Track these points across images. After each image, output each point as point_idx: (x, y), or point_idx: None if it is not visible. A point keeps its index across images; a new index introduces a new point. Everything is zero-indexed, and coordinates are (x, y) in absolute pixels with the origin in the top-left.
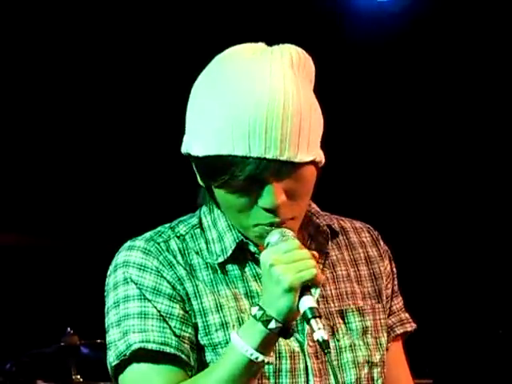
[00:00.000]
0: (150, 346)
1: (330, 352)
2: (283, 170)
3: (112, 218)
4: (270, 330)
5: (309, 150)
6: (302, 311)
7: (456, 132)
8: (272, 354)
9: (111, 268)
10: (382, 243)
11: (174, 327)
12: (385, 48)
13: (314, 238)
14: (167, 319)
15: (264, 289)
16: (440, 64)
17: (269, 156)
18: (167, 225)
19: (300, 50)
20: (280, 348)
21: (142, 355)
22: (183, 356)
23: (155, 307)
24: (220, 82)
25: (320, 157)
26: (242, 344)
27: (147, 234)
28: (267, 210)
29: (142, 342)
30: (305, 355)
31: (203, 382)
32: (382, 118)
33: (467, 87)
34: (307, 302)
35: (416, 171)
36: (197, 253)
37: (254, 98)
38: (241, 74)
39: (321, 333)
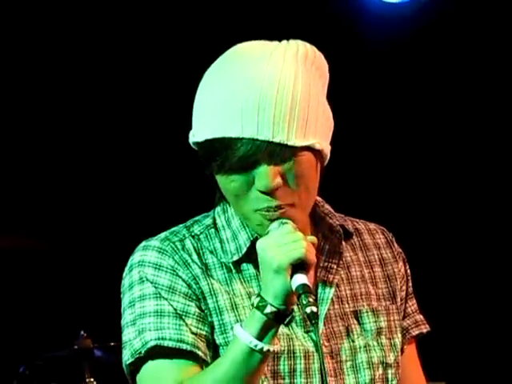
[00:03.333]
0: (166, 343)
1: (317, 323)
2: (277, 152)
3: (126, 221)
4: (265, 315)
5: (305, 136)
6: (294, 289)
7: (474, 136)
8: (277, 342)
9: (126, 269)
10: (396, 245)
11: (191, 325)
12: (397, 50)
13: (328, 238)
14: (183, 317)
15: (261, 275)
16: (452, 67)
17: (261, 137)
18: (182, 225)
19: (310, 45)
20: (294, 348)
21: (158, 353)
22: (200, 353)
23: (171, 305)
24: (220, 69)
25: (320, 145)
26: (243, 333)
27: (162, 234)
28: (264, 193)
29: (158, 339)
30: (319, 355)
31: (209, 374)
32: (397, 120)
33: (482, 90)
34: (298, 279)
35: (432, 174)
36: (211, 252)
37: (249, 80)
38: (241, 62)
39: (310, 307)
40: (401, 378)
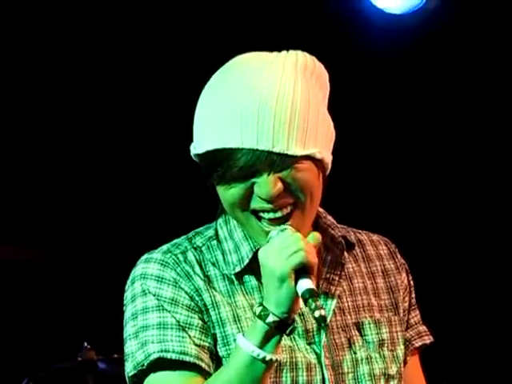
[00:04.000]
0: (169, 355)
1: (326, 327)
2: (277, 162)
3: (129, 233)
4: (268, 324)
5: (306, 145)
6: (300, 294)
7: (478, 146)
8: (279, 351)
9: (129, 281)
10: (398, 256)
11: (194, 337)
12: (399, 61)
13: (330, 249)
14: (186, 329)
15: (264, 285)
16: (454, 77)
17: (261, 147)
18: (184, 236)
19: (310, 56)
20: (297, 360)
21: (161, 365)
22: (203, 365)
23: (174, 317)
24: (220, 80)
25: (321, 154)
26: (244, 342)
27: (164, 247)
28: (264, 200)
29: (161, 351)
30: (321, 367)
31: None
32: (399, 130)
33: (479, 101)
34: (303, 284)
35: (435, 185)
36: (213, 264)
37: (248, 89)
38: (240, 72)
39: (319, 311)
40: None
